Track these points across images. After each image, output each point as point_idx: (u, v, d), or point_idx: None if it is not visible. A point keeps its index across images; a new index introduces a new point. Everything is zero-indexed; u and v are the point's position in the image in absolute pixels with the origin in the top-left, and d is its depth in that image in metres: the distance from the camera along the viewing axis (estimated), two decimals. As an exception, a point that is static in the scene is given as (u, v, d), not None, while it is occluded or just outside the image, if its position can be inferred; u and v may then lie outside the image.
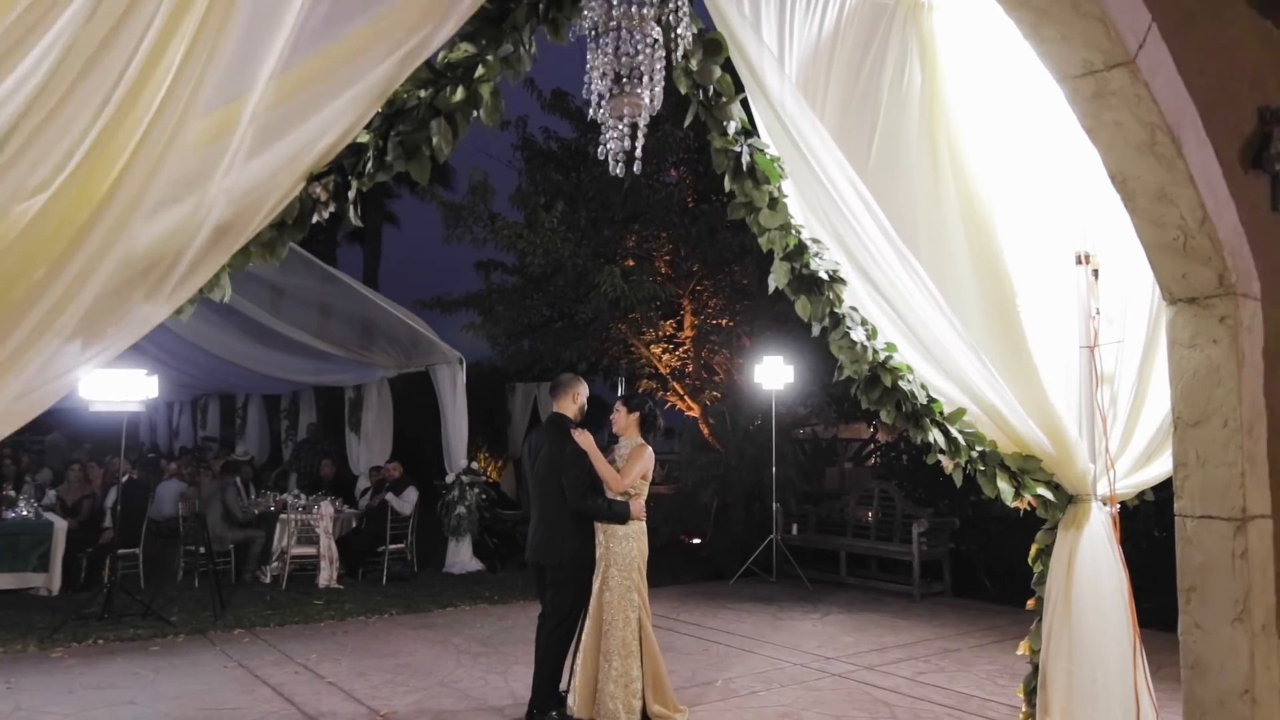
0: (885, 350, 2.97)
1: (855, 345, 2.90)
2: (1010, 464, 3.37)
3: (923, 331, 3.05)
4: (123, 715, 5.34)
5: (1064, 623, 3.55)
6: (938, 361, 3.12)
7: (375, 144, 2.27)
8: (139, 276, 1.76)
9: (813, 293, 2.82)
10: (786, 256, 2.76)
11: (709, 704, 5.73)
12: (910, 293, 3.00)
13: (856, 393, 3.09)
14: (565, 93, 13.35)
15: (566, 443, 5.32)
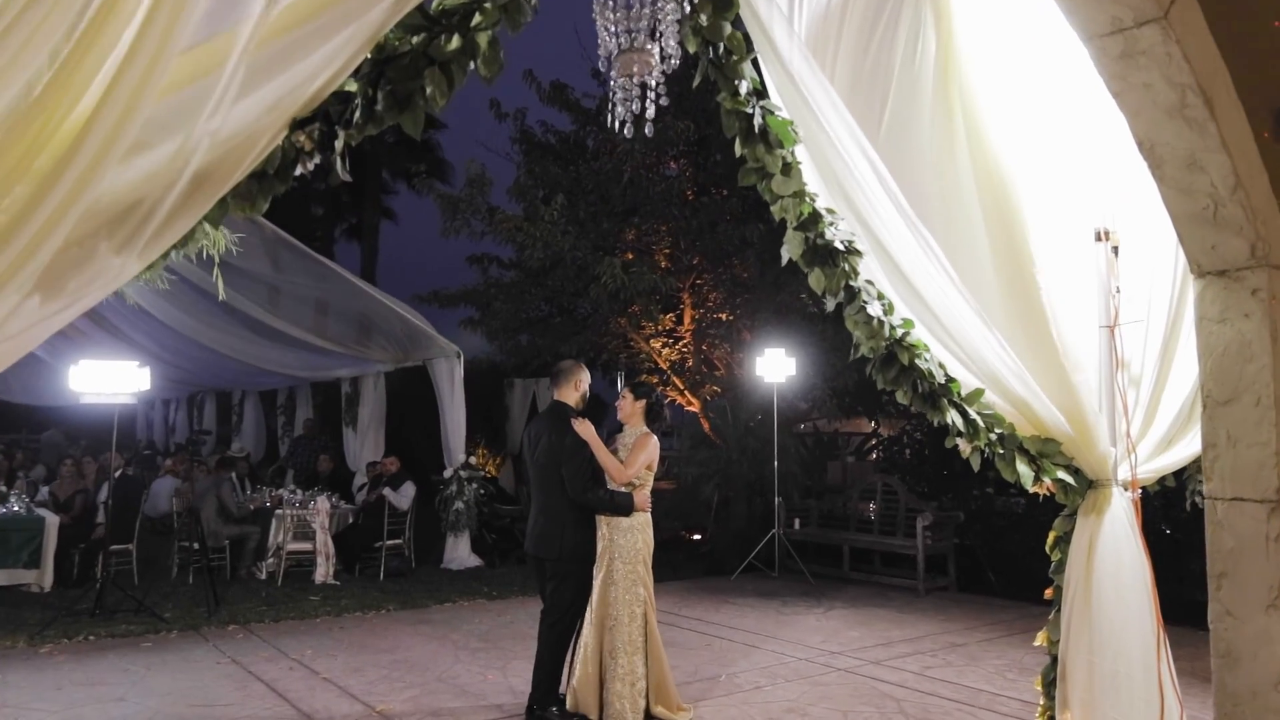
0: (902, 326, 2.83)
1: (872, 320, 2.77)
2: (1029, 447, 3.25)
3: (939, 308, 2.92)
4: (111, 712, 5.21)
5: (1084, 612, 3.42)
6: (954, 339, 2.99)
7: (364, 92, 2.13)
8: (108, 227, 1.62)
9: (827, 264, 2.68)
10: (800, 226, 2.63)
11: (713, 699, 5.60)
12: (925, 268, 2.87)
13: (871, 372, 2.95)
14: (564, 85, 13.21)
15: (567, 432, 5.17)
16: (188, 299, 11.30)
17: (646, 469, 5.24)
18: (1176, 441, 3.62)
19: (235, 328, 12.25)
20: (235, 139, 1.78)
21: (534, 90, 13.13)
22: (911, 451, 12.28)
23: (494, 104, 13.22)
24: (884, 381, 2.93)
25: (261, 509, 10.40)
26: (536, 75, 12.96)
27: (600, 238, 11.92)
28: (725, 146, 11.32)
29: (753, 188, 10.30)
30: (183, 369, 15.64)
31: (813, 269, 2.71)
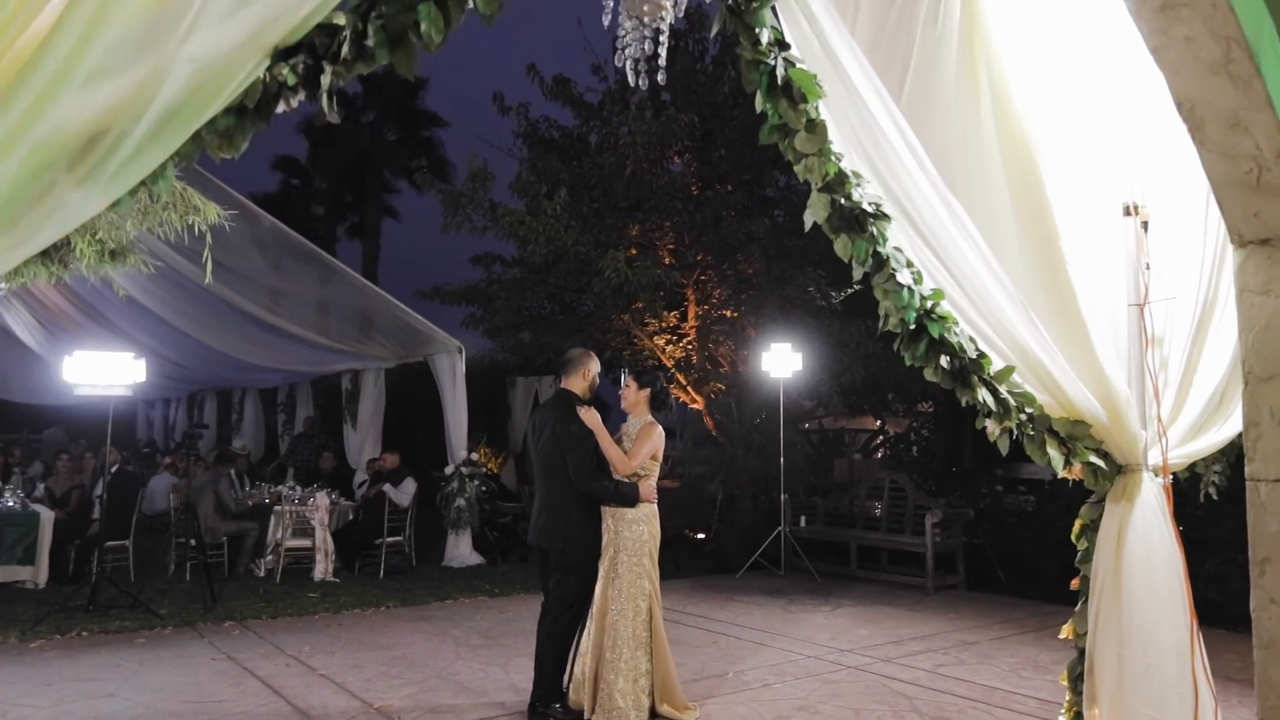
0: (931, 297, 2.68)
1: (901, 290, 2.61)
2: (1058, 429, 3.09)
3: (967, 279, 2.77)
4: (101, 708, 5.06)
5: (1114, 603, 3.26)
6: (983, 312, 2.84)
7: (354, 26, 1.98)
8: (69, 159, 1.48)
9: (854, 230, 2.53)
10: (825, 187, 2.47)
11: (721, 697, 5.45)
12: (953, 237, 2.72)
13: (899, 347, 2.79)
14: (567, 79, 13.06)
15: (572, 420, 5.03)
16: (187, 294, 11.16)
17: (652, 459, 5.09)
18: (1209, 426, 3.47)
19: (235, 323, 12.10)
20: (211, 68, 1.63)
21: (537, 85, 12.99)
22: (919, 449, 12.13)
23: (497, 97, 13.10)
24: (912, 357, 2.77)
25: (260, 505, 10.27)
26: (539, 69, 12.83)
27: (603, 233, 11.78)
28: (730, 142, 11.20)
29: (757, 183, 10.13)
30: (183, 366, 15.50)
31: (839, 234, 2.55)
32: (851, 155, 2.57)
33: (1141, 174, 3.41)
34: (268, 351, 12.91)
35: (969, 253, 2.76)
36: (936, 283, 2.75)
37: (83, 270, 4.60)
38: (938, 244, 2.73)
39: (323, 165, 27.70)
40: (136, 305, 11.82)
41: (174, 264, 9.88)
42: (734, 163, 12.10)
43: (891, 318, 2.67)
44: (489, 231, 12.24)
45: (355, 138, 27.33)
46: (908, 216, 2.68)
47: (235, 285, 10.54)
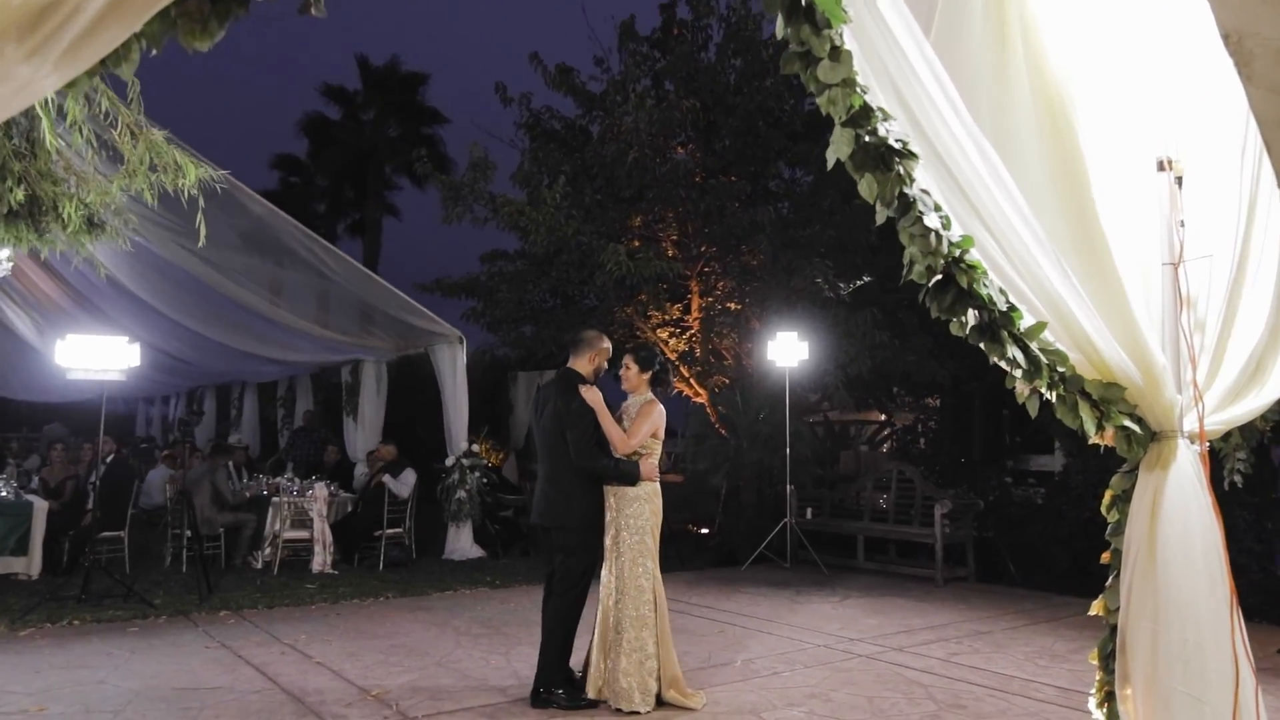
0: (960, 244, 2.51)
1: (929, 234, 2.44)
2: (1091, 391, 2.93)
3: (998, 227, 2.60)
4: (90, 695, 4.89)
5: (1148, 577, 3.09)
6: (1015, 262, 2.67)
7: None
8: (17, 29, 1.32)
9: (879, 168, 2.36)
10: (850, 121, 2.30)
11: (729, 684, 5.28)
12: (984, 180, 2.55)
13: (925, 300, 2.62)
14: (570, 68, 12.91)
15: (573, 398, 4.92)
16: (186, 285, 11.03)
17: (653, 437, 4.96)
18: (1246, 392, 3.30)
19: (233, 313, 11.94)
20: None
21: (540, 74, 12.84)
22: (926, 441, 11.97)
23: (499, 87, 12.97)
24: (939, 309, 2.60)
25: (258, 497, 10.11)
26: (541, 58, 12.69)
27: (605, 224, 11.63)
28: (733, 131, 11.00)
29: (761, 172, 9.93)
30: (182, 361, 15.35)
31: (863, 173, 2.39)
32: (877, 90, 2.42)
33: (1174, 127, 3.25)
34: (266, 342, 12.75)
35: (1000, 198, 2.59)
36: (966, 229, 2.59)
37: (61, 240, 4.44)
38: (968, 187, 2.57)
39: (323, 163, 27.56)
40: (134, 299, 11.69)
41: (171, 254, 9.76)
42: (738, 153, 11.95)
43: (917, 265, 2.50)
44: (490, 222, 12.11)
45: (356, 135, 27.20)
46: (937, 156, 2.52)
47: (234, 275, 10.39)
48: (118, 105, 4.10)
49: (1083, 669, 5.67)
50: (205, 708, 4.69)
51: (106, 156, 4.15)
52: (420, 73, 27.61)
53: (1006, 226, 2.65)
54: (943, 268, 2.51)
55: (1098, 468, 8.93)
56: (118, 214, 4.52)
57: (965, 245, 2.54)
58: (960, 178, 2.58)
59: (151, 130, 4.12)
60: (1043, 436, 11.49)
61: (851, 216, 10.60)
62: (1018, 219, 2.65)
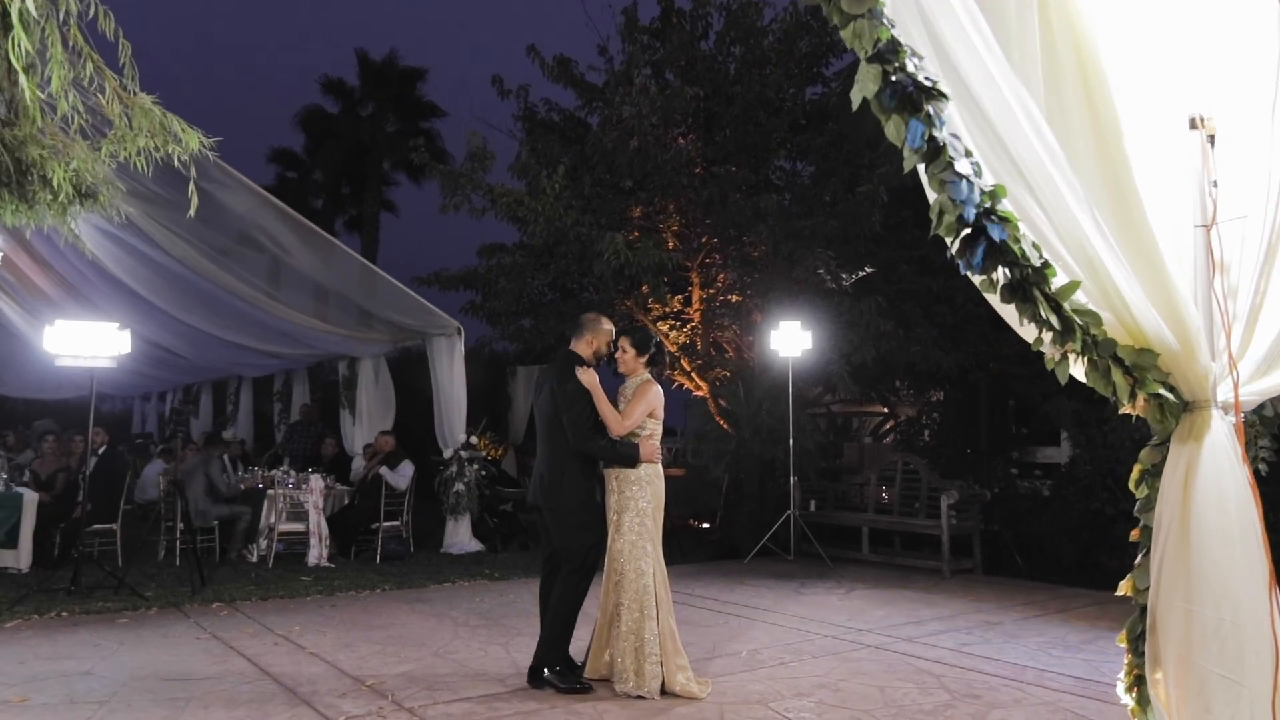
0: (993, 193, 2.35)
1: (960, 181, 2.28)
2: (1123, 357, 2.78)
3: (1032, 176, 2.44)
4: (76, 686, 4.73)
5: (1181, 553, 2.94)
6: (1049, 215, 2.52)
7: None
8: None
9: (906, 109, 2.21)
10: (875, 56, 2.15)
11: (735, 674, 5.13)
12: (1019, 124, 2.39)
13: (953, 255, 2.47)
14: (569, 59, 12.75)
15: (569, 379, 4.82)
16: (184, 277, 10.88)
17: (650, 417, 4.84)
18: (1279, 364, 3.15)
19: (230, 305, 11.77)
20: None
21: (538, 66, 12.66)
22: (931, 433, 11.82)
23: (496, 80, 12.81)
24: (967, 265, 2.44)
25: (253, 490, 9.95)
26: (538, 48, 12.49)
27: (605, 215, 11.46)
28: (733, 121, 10.81)
29: (762, 162, 9.72)
30: (176, 355, 15.20)
31: (889, 114, 2.24)
32: (907, 22, 2.26)
33: (1206, 84, 3.10)
34: (262, 334, 12.59)
35: (1037, 145, 2.43)
36: (997, 178, 2.44)
37: (50, 214, 4.28)
38: (1003, 131, 2.41)
39: (320, 158, 27.39)
40: (127, 291, 11.54)
41: (165, 244, 9.60)
42: (738, 143, 11.78)
43: (947, 215, 2.34)
44: (488, 213, 11.95)
45: (354, 130, 27.01)
46: (970, 98, 2.36)
47: (229, 265, 10.22)
48: (103, 69, 3.94)
49: (1098, 659, 5.53)
50: (193, 698, 4.54)
51: (93, 123, 3.99)
52: (418, 67, 27.47)
53: (1041, 176, 2.49)
54: (974, 219, 2.34)
55: (1106, 458, 8.80)
56: (107, 184, 4.37)
57: (998, 195, 2.38)
58: (993, 121, 2.43)
59: (140, 95, 3.96)
60: (1048, 428, 11.34)
61: (854, 206, 10.45)
62: (1054, 168, 2.49)
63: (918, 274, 11.26)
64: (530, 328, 13.27)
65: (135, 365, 16.24)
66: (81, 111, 3.93)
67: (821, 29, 11.67)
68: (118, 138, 3.87)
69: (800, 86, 12.19)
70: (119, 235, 9.75)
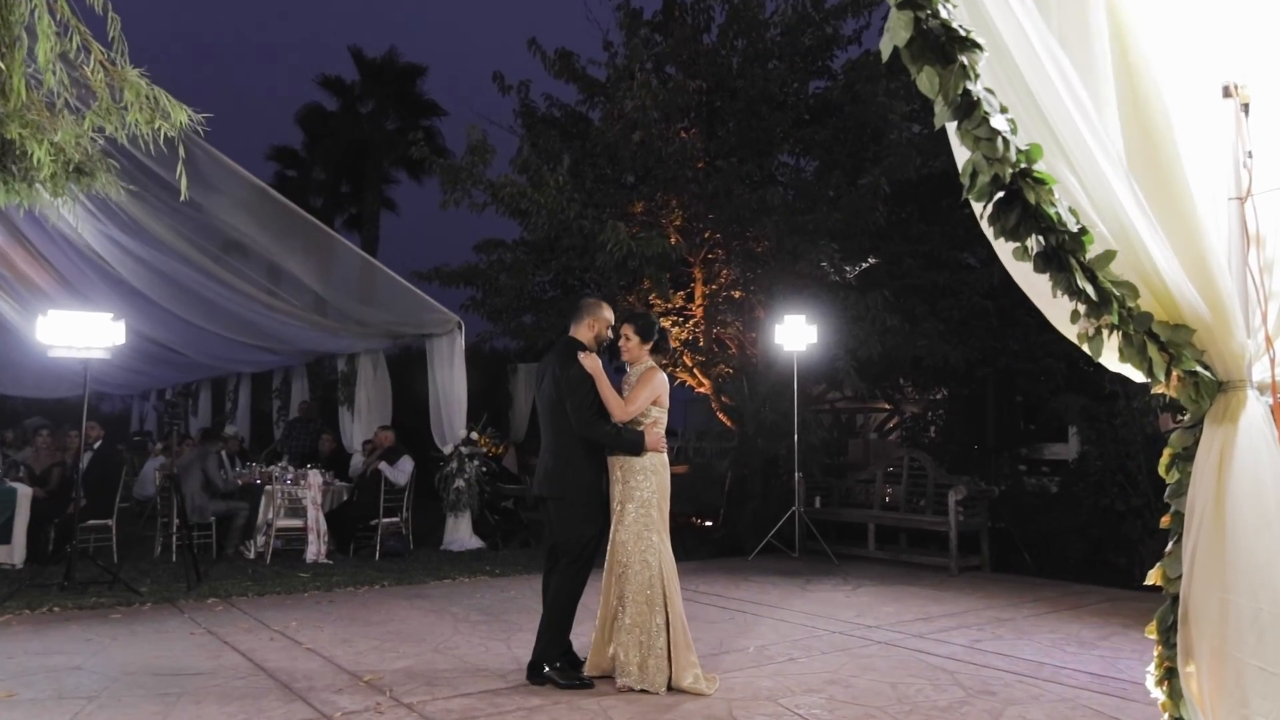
0: (1029, 152, 2.22)
1: (996, 139, 2.15)
2: (1158, 332, 2.64)
3: (1066, 136, 2.31)
4: (64, 680, 4.60)
5: (1215, 540, 2.80)
6: (1082, 178, 2.38)
7: None
8: None
9: (939, 60, 2.08)
10: (907, 1, 2.03)
11: (743, 670, 4.99)
12: (1051, 81, 2.26)
13: (986, 218, 2.33)
14: (571, 53, 12.61)
15: (571, 364, 4.69)
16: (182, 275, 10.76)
17: (655, 405, 4.70)
18: (1314, 342, 3.02)
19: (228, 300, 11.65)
20: None
21: (539, 59, 12.52)
22: (937, 429, 11.69)
23: (497, 76, 12.68)
24: (1000, 230, 2.30)
25: (251, 485, 9.82)
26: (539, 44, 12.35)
27: (608, 209, 11.33)
28: (738, 115, 10.66)
29: (766, 155, 9.55)
30: (174, 351, 15.07)
31: (921, 65, 2.11)
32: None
33: (1240, 49, 2.96)
34: (261, 329, 12.47)
35: (1069, 104, 2.30)
36: (1031, 137, 2.31)
37: (45, 191, 4.14)
38: (1036, 89, 2.28)
39: (320, 156, 27.25)
40: (127, 289, 11.42)
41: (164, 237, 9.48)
42: (742, 137, 11.65)
43: (981, 176, 2.20)
44: (489, 207, 11.82)
45: (353, 127, 26.88)
46: (1002, 51, 2.23)
47: (229, 262, 10.09)
48: (90, 42, 3.81)
49: (1114, 655, 5.40)
50: (185, 693, 4.40)
51: (79, 95, 3.86)
52: (418, 65, 27.34)
53: (1075, 139, 2.35)
54: (1009, 180, 2.20)
55: (1117, 453, 8.66)
56: (99, 160, 4.24)
57: (1034, 155, 2.25)
58: (1026, 79, 2.29)
59: (128, 69, 3.83)
60: (1055, 424, 11.21)
61: (857, 199, 10.32)
62: (1088, 131, 2.35)
63: (923, 268, 11.13)
64: (531, 324, 13.14)
65: (134, 363, 16.14)
66: (67, 85, 3.80)
67: (824, 21, 11.54)
68: (103, 111, 3.74)
69: (804, 81, 12.06)
70: (116, 231, 9.65)
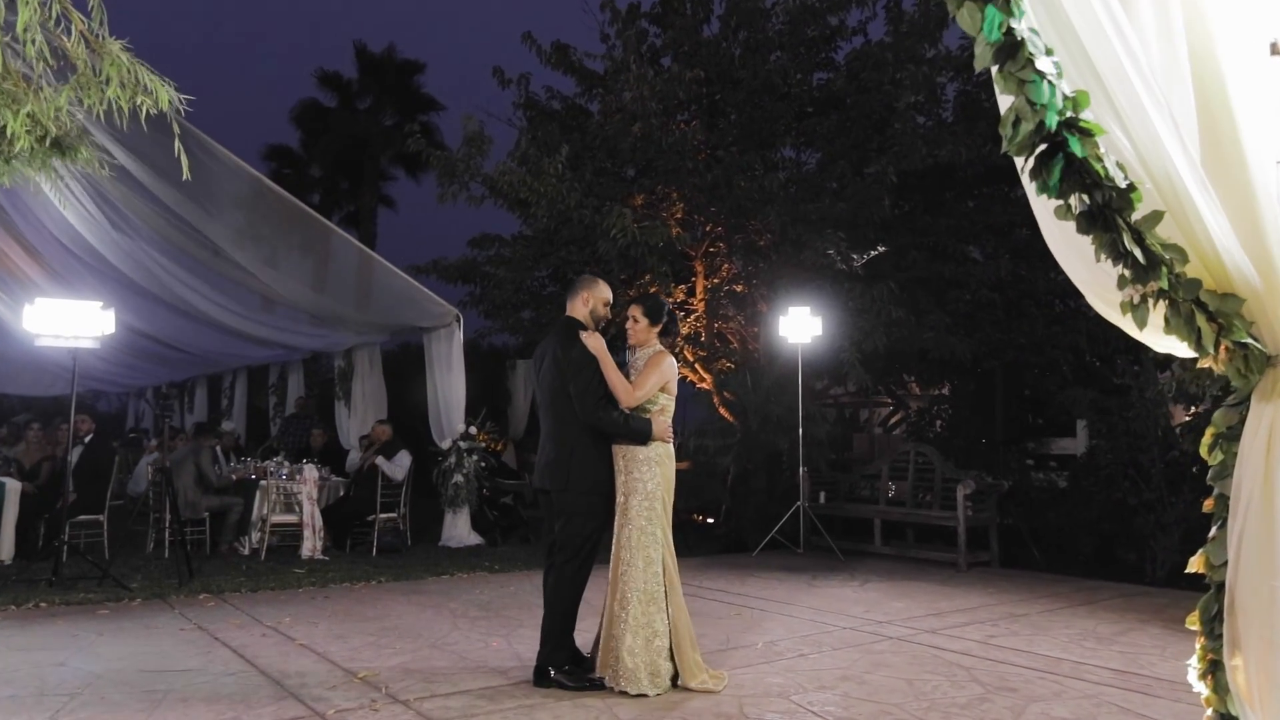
0: (1076, 99, 2.04)
1: (1041, 82, 1.97)
2: (1206, 301, 2.47)
3: (1112, 86, 2.14)
4: (47, 677, 4.42)
5: (1265, 524, 2.62)
6: (1130, 130, 2.21)
7: None
8: None
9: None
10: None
11: (751, 666, 4.82)
12: (1100, 24, 2.09)
13: (1028, 172, 2.15)
14: (566, 45, 12.41)
15: (573, 345, 4.44)
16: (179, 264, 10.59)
17: (663, 392, 4.49)
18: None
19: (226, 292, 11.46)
20: None
21: (534, 53, 12.31)
22: (943, 424, 11.51)
23: (496, 70, 12.51)
24: (1043, 186, 2.13)
25: (245, 480, 9.64)
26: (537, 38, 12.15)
27: (609, 202, 11.15)
28: (739, 106, 10.46)
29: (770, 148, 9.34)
30: (170, 347, 14.89)
31: (962, 1, 1.95)
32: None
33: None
34: (258, 325, 12.30)
35: (1119, 50, 2.13)
36: (1076, 86, 2.14)
37: (26, 166, 3.96)
38: (1081, 31, 2.11)
39: (317, 153, 27.03)
40: (122, 281, 11.24)
41: (155, 226, 9.30)
42: (744, 128, 11.48)
43: (1024, 123, 2.03)
44: (487, 200, 11.64)
45: (351, 124, 26.67)
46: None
47: (226, 256, 9.90)
48: (70, 10, 3.63)
49: (1134, 651, 5.23)
50: (172, 690, 4.22)
51: (59, 67, 3.68)
52: (416, 61, 27.14)
53: (1124, 89, 2.17)
54: (1055, 129, 2.03)
55: (1129, 447, 8.49)
56: (80, 134, 4.06)
57: (1081, 103, 2.07)
58: (1071, 20, 2.12)
59: (109, 41, 3.65)
60: (1063, 418, 11.03)
61: (863, 189, 10.14)
62: (1138, 80, 2.17)
63: (928, 260, 10.97)
64: (530, 320, 12.97)
65: (130, 359, 15.97)
66: (47, 57, 3.62)
67: (828, 11, 11.37)
68: (82, 83, 3.55)
69: (807, 72, 11.89)
70: (109, 226, 9.47)
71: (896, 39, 10.76)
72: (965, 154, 10.01)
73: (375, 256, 10.52)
